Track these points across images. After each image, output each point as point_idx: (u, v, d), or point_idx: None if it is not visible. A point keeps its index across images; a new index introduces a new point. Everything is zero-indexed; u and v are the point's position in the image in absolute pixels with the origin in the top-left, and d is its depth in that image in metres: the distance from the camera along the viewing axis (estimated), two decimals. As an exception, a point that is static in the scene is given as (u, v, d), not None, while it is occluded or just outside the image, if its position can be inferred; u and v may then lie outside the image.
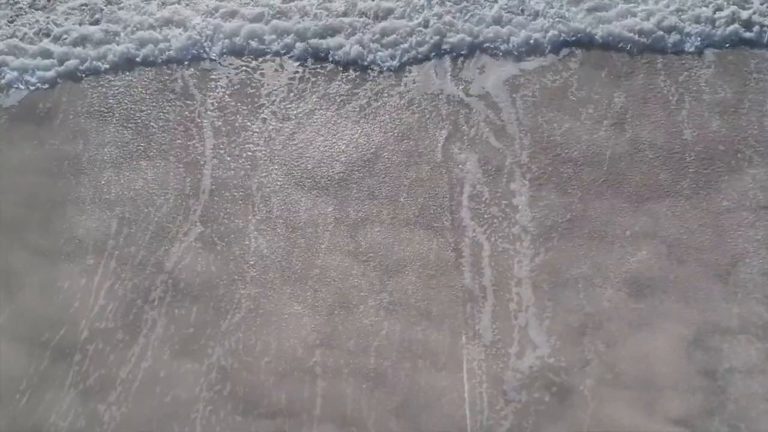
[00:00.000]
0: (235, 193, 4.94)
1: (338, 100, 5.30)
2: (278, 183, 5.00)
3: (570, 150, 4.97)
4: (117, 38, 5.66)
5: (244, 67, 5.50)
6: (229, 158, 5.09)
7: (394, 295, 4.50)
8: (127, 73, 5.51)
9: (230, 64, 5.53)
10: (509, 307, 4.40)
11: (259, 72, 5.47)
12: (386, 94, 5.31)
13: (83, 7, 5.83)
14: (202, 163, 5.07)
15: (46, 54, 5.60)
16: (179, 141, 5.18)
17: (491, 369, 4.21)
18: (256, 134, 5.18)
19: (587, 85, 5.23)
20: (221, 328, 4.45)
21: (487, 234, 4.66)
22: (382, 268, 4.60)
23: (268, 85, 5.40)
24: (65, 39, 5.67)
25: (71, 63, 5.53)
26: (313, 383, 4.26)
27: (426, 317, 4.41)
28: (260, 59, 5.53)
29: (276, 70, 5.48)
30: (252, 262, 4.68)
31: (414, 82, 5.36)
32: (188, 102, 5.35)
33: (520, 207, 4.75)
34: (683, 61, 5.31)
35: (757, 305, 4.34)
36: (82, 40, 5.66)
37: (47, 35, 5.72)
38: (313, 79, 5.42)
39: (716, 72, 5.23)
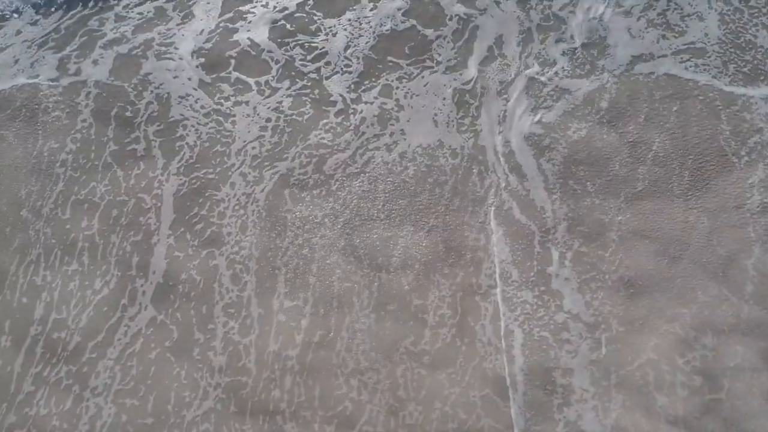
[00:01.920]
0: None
1: (319, 152, 4.61)
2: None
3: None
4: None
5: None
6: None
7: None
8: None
9: (202, 107, 4.89)
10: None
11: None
12: (373, 146, 4.54)
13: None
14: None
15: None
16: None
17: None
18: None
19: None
20: (217, 327, 4.27)
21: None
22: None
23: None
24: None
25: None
26: (309, 383, 4.08)
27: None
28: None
29: (248, 115, 4.80)
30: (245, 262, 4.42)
31: (394, 134, 4.53)
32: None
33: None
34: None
35: (753, 304, 4.10)
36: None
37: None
38: (289, 129, 4.70)
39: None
